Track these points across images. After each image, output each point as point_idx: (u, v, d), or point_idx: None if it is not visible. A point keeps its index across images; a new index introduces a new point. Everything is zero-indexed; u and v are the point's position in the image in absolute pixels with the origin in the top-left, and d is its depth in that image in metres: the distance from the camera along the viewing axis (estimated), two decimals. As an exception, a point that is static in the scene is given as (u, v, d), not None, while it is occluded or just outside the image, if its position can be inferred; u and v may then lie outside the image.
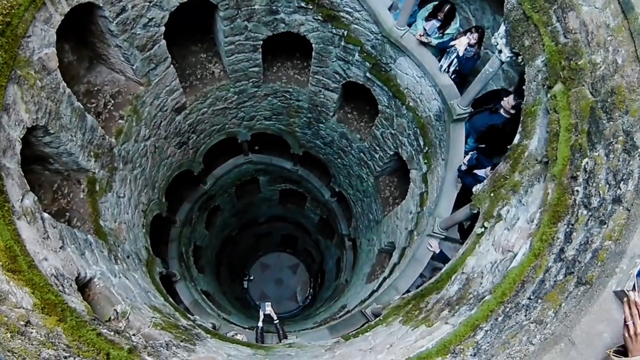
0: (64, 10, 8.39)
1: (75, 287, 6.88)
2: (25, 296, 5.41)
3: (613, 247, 4.11)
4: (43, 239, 6.90)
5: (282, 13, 11.35)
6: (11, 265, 5.64)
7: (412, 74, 9.82)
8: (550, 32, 5.75)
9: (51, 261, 6.66)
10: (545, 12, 5.83)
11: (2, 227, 5.98)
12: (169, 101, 12.26)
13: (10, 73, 7.22)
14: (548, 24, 5.78)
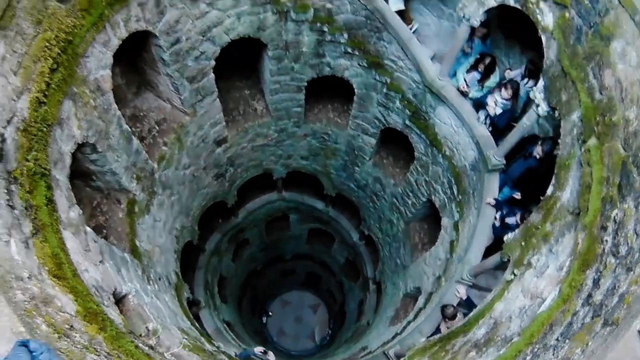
0: (122, 35, 8.89)
1: (112, 300, 7.19)
2: (69, 302, 5.71)
3: (639, 292, 4.32)
4: (85, 251, 7.26)
5: (329, 57, 11.82)
6: (57, 271, 5.98)
7: (450, 124, 10.14)
8: (586, 89, 6.05)
9: (92, 273, 6.99)
10: (583, 69, 6.13)
11: (51, 234, 6.35)
12: (211, 133, 12.73)
13: (67, 89, 7.66)
14: (585, 80, 6.08)
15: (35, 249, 5.86)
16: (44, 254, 5.95)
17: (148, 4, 9.16)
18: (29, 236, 5.88)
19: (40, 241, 6.08)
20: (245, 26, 11.02)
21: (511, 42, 9.69)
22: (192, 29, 10.35)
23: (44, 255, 5.95)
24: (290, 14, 10.91)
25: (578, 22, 6.20)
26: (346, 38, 11.07)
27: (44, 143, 6.93)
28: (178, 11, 9.83)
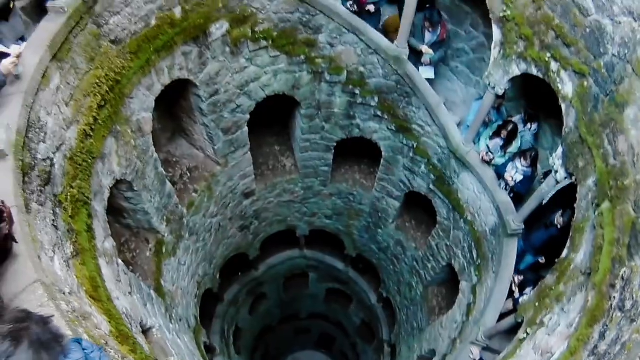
0: (165, 82, 9.50)
1: (140, 329, 7.52)
2: (104, 322, 6.04)
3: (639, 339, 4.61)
4: (117, 281, 7.64)
5: (359, 119, 12.33)
6: (93, 293, 6.35)
7: (473, 189, 10.47)
8: (602, 154, 6.41)
9: (122, 301, 7.34)
10: (599, 136, 6.51)
11: (89, 259, 6.76)
12: (240, 185, 13.21)
13: (111, 127, 8.19)
14: (601, 146, 6.45)
15: (75, 270, 6.25)
16: (82, 276, 6.33)
17: (192, 54, 9.79)
18: (70, 257, 6.28)
19: (80, 263, 6.48)
20: (281, 84, 11.62)
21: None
22: (231, 82, 10.95)
23: (83, 276, 6.34)
24: (324, 75, 11.48)
25: (595, 91, 6.61)
26: (377, 101, 11.59)
27: (88, 174, 7.41)
28: (219, 64, 10.45)
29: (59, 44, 6.81)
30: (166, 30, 9.10)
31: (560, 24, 7.04)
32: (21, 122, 5.78)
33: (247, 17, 10.18)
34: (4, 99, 5.86)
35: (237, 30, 10.23)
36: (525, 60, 7.93)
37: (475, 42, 10.83)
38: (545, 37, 7.38)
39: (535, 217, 9.26)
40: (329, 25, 10.57)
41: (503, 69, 8.42)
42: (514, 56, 8.10)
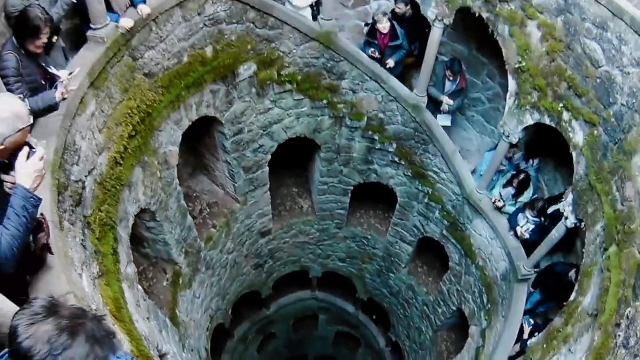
0: (192, 117, 9.86)
1: (157, 353, 7.71)
2: (126, 342, 6.24)
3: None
4: (137, 305, 7.86)
5: (376, 164, 12.61)
6: (116, 313, 6.57)
7: (485, 235, 10.65)
8: (610, 200, 6.66)
9: (141, 325, 7.54)
10: (607, 183, 6.77)
11: (113, 281, 7.01)
12: (257, 224, 13.47)
13: (140, 157, 8.52)
14: (609, 192, 6.70)
15: (100, 289, 6.48)
16: (106, 295, 6.56)
17: (219, 92, 10.18)
18: (96, 276, 6.51)
19: (104, 284, 6.72)
20: (303, 126, 11.96)
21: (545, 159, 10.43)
22: (255, 122, 11.30)
23: (107, 296, 6.56)
24: (345, 119, 11.82)
25: (605, 139, 6.89)
26: (394, 147, 11.89)
27: (116, 199, 7.70)
28: (245, 104, 10.81)
29: (97, 72, 7.19)
30: (197, 68, 9.52)
31: (572, 75, 7.37)
32: (58, 143, 6.10)
33: (274, 60, 10.57)
34: (44, 119, 6.20)
35: (264, 72, 10.62)
36: (539, 110, 8.24)
37: (491, 92, 11.18)
38: (557, 88, 7.71)
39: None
40: (351, 71, 10.94)
41: (517, 118, 8.72)
42: (528, 106, 8.42)
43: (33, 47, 5.86)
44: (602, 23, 6.73)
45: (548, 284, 9.57)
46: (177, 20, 8.78)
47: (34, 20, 5.72)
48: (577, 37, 7.19)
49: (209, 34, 9.50)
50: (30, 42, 5.80)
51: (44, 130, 6.05)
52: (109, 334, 2.52)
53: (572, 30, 7.26)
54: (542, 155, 10.25)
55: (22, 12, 5.82)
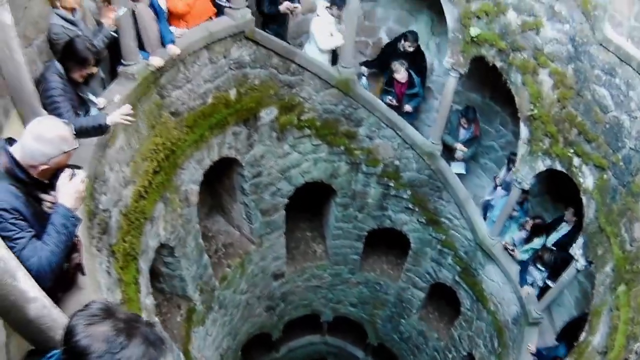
0: (214, 158, 10.12)
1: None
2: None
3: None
4: (155, 336, 8.00)
5: (390, 210, 12.79)
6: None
7: (497, 280, 10.73)
8: (619, 242, 6.84)
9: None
10: (616, 225, 6.95)
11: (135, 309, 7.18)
12: (271, 266, 13.59)
13: (163, 193, 8.77)
14: (618, 235, 6.88)
15: (122, 316, 6.67)
16: (128, 323, 6.73)
17: (241, 135, 10.45)
18: (119, 303, 6.66)
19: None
20: (320, 171, 12.18)
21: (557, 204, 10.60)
22: (274, 166, 11.54)
23: (128, 323, 6.73)
24: (361, 166, 12.05)
25: (614, 182, 7.11)
26: (409, 194, 12.10)
27: (139, 232, 7.92)
28: (265, 147, 11.08)
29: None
30: (221, 110, 9.83)
31: (583, 121, 7.64)
32: (90, 172, 6.35)
33: (295, 105, 10.88)
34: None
35: (285, 117, 10.92)
36: (550, 157, 8.48)
37: (504, 140, 11.44)
38: (568, 134, 7.97)
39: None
40: (369, 118, 11.23)
41: (529, 165, 8.96)
42: (540, 153, 8.66)
43: (78, 75, 6.17)
44: (610, 70, 7.03)
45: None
46: (204, 62, 9.15)
47: (83, 52, 6.04)
48: (587, 84, 7.50)
49: (233, 77, 9.85)
50: (76, 71, 6.11)
51: (77, 158, 6.33)
52: (161, 339, 2.67)
53: (582, 78, 7.57)
54: (553, 200, 10.45)
55: (71, 42, 6.12)
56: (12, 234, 3.49)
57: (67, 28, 6.61)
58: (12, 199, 3.55)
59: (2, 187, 3.56)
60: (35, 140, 3.67)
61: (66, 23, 6.64)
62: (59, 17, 6.63)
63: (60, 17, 6.63)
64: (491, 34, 8.76)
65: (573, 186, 8.21)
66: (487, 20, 8.73)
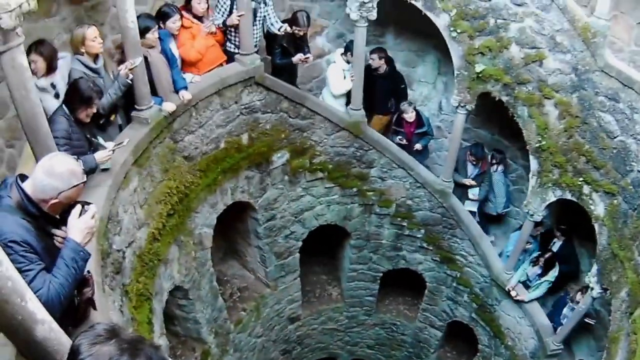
0: (227, 202, 10.15)
1: None
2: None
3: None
4: (168, 377, 7.91)
5: (405, 250, 12.69)
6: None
7: (514, 315, 10.55)
8: (632, 266, 6.73)
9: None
10: (629, 249, 6.85)
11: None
12: (287, 309, 13.44)
13: (176, 235, 8.77)
14: (631, 259, 6.78)
15: (135, 354, 6.61)
16: (140, 361, 6.67)
17: (254, 179, 10.50)
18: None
19: (139, 352, 6.84)
20: (333, 214, 12.16)
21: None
22: (287, 209, 11.54)
23: (141, 361, 6.67)
24: (374, 207, 12.02)
25: (624, 207, 7.04)
26: (422, 233, 12.02)
27: (153, 273, 7.89)
28: (278, 191, 11.11)
29: (140, 151, 7.55)
30: (233, 154, 9.90)
31: (590, 149, 7.63)
32: (104, 213, 6.39)
33: (306, 148, 10.94)
34: (92, 188, 6.54)
35: (296, 161, 10.96)
36: (560, 187, 8.44)
37: (514, 174, 11.41)
38: (577, 163, 7.95)
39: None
40: (380, 160, 11.27)
41: (540, 196, 8.91)
42: (550, 184, 8.63)
43: (84, 115, 6.24)
44: (614, 95, 7.06)
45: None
46: (215, 107, 9.26)
47: (87, 91, 6.13)
48: (592, 111, 7.52)
49: (245, 122, 9.95)
50: (82, 110, 6.19)
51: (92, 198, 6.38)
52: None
53: (587, 105, 7.59)
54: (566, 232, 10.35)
55: (74, 83, 6.24)
56: (22, 265, 3.49)
57: (87, 75, 6.76)
58: (23, 232, 3.59)
59: (14, 221, 3.59)
60: (45, 175, 3.72)
61: (87, 70, 6.79)
62: (80, 63, 6.78)
63: (81, 63, 6.79)
64: (495, 69, 8.83)
65: (583, 213, 8.15)
66: (491, 56, 8.81)
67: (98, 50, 6.93)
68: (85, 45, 6.75)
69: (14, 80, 4.62)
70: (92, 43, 6.77)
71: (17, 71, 4.57)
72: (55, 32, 6.85)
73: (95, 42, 6.81)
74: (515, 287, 10.34)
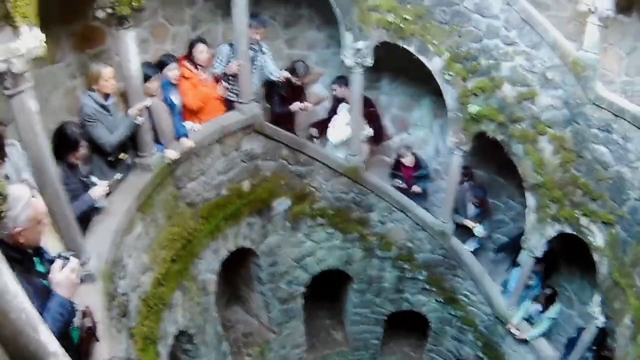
0: (230, 248, 10.19)
1: None
2: None
3: None
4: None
5: (407, 293, 12.57)
6: None
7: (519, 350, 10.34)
8: (634, 292, 6.68)
9: None
10: (630, 276, 6.82)
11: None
12: (292, 354, 13.25)
13: (180, 281, 8.76)
14: (633, 285, 6.74)
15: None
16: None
17: (255, 225, 10.53)
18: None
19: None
20: (335, 259, 12.12)
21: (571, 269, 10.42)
22: (289, 255, 11.54)
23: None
24: (375, 251, 11.97)
25: (623, 236, 7.02)
26: (424, 275, 11.93)
27: (157, 317, 7.85)
28: (279, 237, 11.13)
29: (144, 197, 7.61)
30: (235, 201, 9.97)
31: (586, 182, 7.66)
32: (109, 257, 6.41)
33: (306, 194, 10.99)
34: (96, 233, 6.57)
35: (297, 207, 11.02)
36: (559, 221, 8.44)
37: (513, 212, 11.36)
38: (574, 196, 7.97)
39: None
40: (379, 204, 11.28)
41: (539, 232, 8.90)
42: (548, 219, 8.62)
43: (73, 158, 6.37)
44: (606, 126, 7.13)
45: None
46: (216, 155, 9.36)
47: (72, 136, 6.30)
48: (586, 144, 7.57)
49: (245, 169, 10.05)
50: (71, 155, 6.33)
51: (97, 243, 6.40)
52: None
53: (580, 139, 7.66)
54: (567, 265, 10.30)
55: (60, 129, 6.36)
56: None
57: (99, 111, 6.90)
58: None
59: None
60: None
61: (97, 106, 6.91)
62: (91, 98, 6.90)
63: (92, 99, 6.90)
64: (489, 109, 8.90)
65: (582, 244, 8.14)
66: (484, 97, 8.89)
67: (111, 90, 7.07)
68: (99, 83, 6.90)
69: (22, 123, 4.69)
70: (105, 83, 6.92)
71: (25, 114, 4.64)
72: (60, 78, 6.94)
73: (109, 82, 6.96)
74: (517, 326, 10.22)
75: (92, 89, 6.96)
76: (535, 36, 7.89)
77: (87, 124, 6.82)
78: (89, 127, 6.81)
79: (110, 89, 7.02)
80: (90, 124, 6.82)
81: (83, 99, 6.96)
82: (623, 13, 7.47)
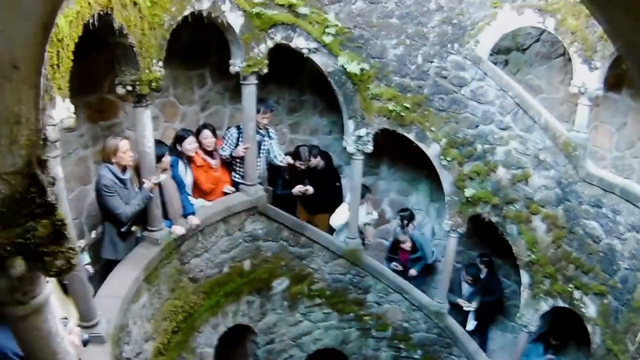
0: (228, 324, 10.10)
1: None
2: None
3: None
4: None
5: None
6: None
7: None
8: (627, 358, 6.65)
9: None
10: (622, 342, 6.82)
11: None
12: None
13: (180, 352, 8.68)
14: (625, 350, 6.73)
15: None
16: None
17: (254, 304, 10.49)
18: None
19: None
20: (331, 338, 11.94)
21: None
22: (286, 334, 11.40)
23: None
24: (371, 331, 11.85)
25: (615, 305, 7.07)
26: (420, 354, 11.70)
27: (160, 384, 7.78)
28: (277, 316, 11.04)
29: (151, 269, 7.68)
30: (235, 279, 9.97)
31: (578, 256, 7.78)
32: (117, 322, 6.43)
33: (305, 275, 11.00)
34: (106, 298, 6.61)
35: (296, 287, 10.99)
36: (552, 295, 8.48)
37: (508, 290, 11.39)
38: (566, 271, 8.06)
39: None
40: (376, 285, 11.26)
41: (533, 307, 8.92)
42: (542, 294, 8.67)
43: None
44: (596, 202, 7.32)
45: None
46: (220, 233, 9.45)
47: None
48: (578, 220, 7.74)
49: (247, 249, 10.11)
50: None
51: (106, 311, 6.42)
52: None
53: (572, 216, 7.83)
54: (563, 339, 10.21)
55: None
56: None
57: (116, 184, 7.01)
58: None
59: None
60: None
61: (115, 178, 7.02)
62: (109, 170, 7.00)
63: (110, 171, 7.01)
64: (484, 192, 9.10)
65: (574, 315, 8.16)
66: (479, 180, 9.11)
67: (128, 162, 7.17)
68: (117, 156, 6.99)
69: (49, 189, 4.83)
70: (123, 155, 7.02)
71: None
72: (72, 146, 7.13)
73: (126, 154, 7.06)
74: None
75: (108, 161, 7.06)
76: (528, 120, 8.21)
77: (103, 194, 6.93)
78: (105, 198, 6.93)
79: (127, 161, 7.13)
80: (107, 195, 6.93)
81: (101, 169, 7.08)
82: (613, 90, 7.81)
